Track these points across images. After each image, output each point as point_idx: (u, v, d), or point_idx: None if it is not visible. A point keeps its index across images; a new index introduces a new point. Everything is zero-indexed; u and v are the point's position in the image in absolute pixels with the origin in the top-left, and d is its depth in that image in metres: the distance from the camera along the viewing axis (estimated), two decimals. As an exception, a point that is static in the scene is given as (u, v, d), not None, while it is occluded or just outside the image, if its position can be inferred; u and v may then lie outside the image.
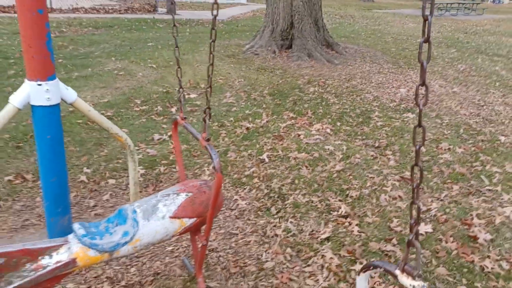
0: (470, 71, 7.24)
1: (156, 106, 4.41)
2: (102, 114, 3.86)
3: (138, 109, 4.29)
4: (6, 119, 1.89)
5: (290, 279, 2.03)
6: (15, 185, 2.78)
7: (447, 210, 2.74)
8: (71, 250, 1.47)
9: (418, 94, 0.92)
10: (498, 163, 3.50)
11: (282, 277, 2.04)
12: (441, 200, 2.88)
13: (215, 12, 1.51)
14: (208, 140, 1.57)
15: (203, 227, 1.77)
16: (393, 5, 36.14)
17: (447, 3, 25.59)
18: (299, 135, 3.83)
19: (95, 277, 1.99)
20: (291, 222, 2.50)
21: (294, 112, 4.48)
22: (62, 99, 2.06)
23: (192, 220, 1.68)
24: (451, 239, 2.40)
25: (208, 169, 3.11)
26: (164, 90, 4.94)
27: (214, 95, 4.92)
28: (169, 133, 3.71)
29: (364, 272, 1.06)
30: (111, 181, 2.89)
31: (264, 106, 4.61)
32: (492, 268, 2.18)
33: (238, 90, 5.17)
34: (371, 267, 1.03)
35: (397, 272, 0.94)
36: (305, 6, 6.97)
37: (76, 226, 1.52)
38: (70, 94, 2.08)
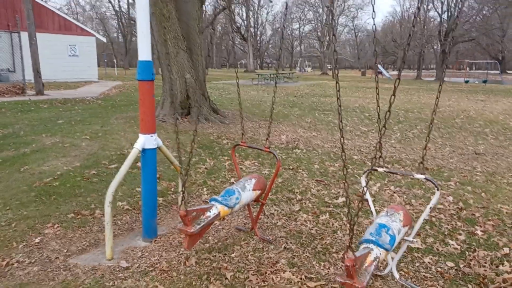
0: (316, 122, 10.15)
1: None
2: (84, 176, 5.03)
3: (112, 166, 5.43)
4: (134, 158, 3.26)
5: (295, 226, 3.75)
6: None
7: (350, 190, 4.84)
8: (217, 208, 2.95)
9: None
10: (361, 169, 5.87)
11: (290, 226, 3.74)
12: (342, 188, 4.98)
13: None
14: (268, 147, 3.29)
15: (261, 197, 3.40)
16: (224, 76, 41.11)
17: (270, 74, 31.02)
18: (241, 168, 5.59)
19: (194, 244, 3.35)
20: (274, 206, 4.23)
21: (224, 156, 6.23)
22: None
23: (259, 191, 3.32)
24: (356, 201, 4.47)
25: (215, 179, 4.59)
26: (118, 153, 6.10)
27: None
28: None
29: (364, 173, 2.94)
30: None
31: (202, 155, 6.25)
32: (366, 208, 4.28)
33: (173, 148, 6.66)
34: (368, 170, 2.92)
35: (377, 167, 2.85)
36: (196, 82, 8.93)
37: (216, 197, 3.01)
38: (160, 142, 3.52)
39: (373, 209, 2.96)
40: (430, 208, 2.69)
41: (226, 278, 2.84)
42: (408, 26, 59.92)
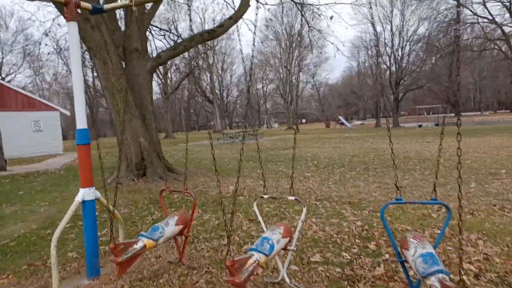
0: (266, 172, 11.03)
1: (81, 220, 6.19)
2: (40, 235, 5.63)
3: (67, 225, 6.00)
4: (75, 208, 3.97)
5: (220, 255, 4.43)
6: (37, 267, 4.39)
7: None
8: (143, 241, 3.67)
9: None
10: (292, 207, 6.65)
11: (216, 256, 4.43)
12: (270, 223, 5.73)
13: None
14: (186, 188, 4.08)
15: (184, 231, 4.12)
16: (192, 138, 42.04)
17: (235, 132, 32.31)
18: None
19: (137, 265, 3.99)
20: (206, 242, 4.92)
21: (172, 208, 6.92)
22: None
23: (181, 226, 4.05)
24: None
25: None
26: (74, 214, 6.66)
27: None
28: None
29: (255, 201, 3.74)
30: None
31: (152, 209, 6.92)
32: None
33: (126, 206, 7.31)
34: (257, 198, 3.72)
35: (263, 195, 3.66)
36: (150, 145, 9.76)
37: (143, 233, 3.72)
38: (98, 194, 4.24)
39: (264, 227, 3.74)
40: (302, 221, 3.51)
41: (151, 297, 3.49)
42: (364, 78, 63.84)
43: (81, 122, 4.04)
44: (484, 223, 5.28)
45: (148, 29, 13.10)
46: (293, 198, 3.56)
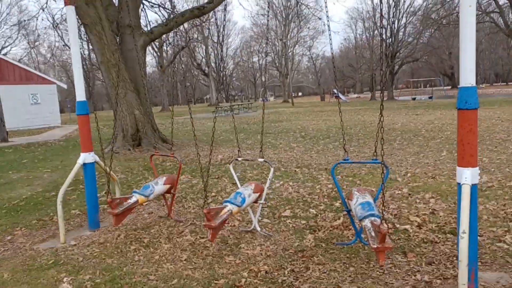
0: (255, 143, 11.66)
1: (82, 185, 6.84)
2: (45, 196, 6.26)
3: (69, 189, 6.65)
4: (77, 170, 4.58)
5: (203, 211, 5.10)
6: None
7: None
8: (136, 197, 4.31)
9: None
10: (275, 174, 7.30)
11: (200, 212, 5.09)
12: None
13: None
14: (173, 153, 4.69)
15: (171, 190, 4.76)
16: (187, 112, 42.45)
17: (230, 105, 32.71)
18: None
19: (132, 219, 4.65)
20: (193, 201, 5.58)
21: (165, 173, 7.55)
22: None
23: (169, 185, 4.68)
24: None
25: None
26: (74, 179, 7.30)
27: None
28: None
29: (231, 163, 4.36)
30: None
31: (146, 175, 7.57)
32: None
33: (123, 172, 7.94)
34: (232, 160, 4.34)
35: (238, 158, 4.29)
36: (144, 117, 10.32)
37: (136, 190, 4.36)
38: (96, 158, 4.85)
39: (238, 184, 4.39)
40: (269, 179, 4.15)
41: (144, 242, 4.16)
42: (362, 51, 63.70)
43: (81, 95, 4.60)
44: (442, 185, 5.94)
45: (142, 3, 13.41)
46: (262, 160, 4.18)
